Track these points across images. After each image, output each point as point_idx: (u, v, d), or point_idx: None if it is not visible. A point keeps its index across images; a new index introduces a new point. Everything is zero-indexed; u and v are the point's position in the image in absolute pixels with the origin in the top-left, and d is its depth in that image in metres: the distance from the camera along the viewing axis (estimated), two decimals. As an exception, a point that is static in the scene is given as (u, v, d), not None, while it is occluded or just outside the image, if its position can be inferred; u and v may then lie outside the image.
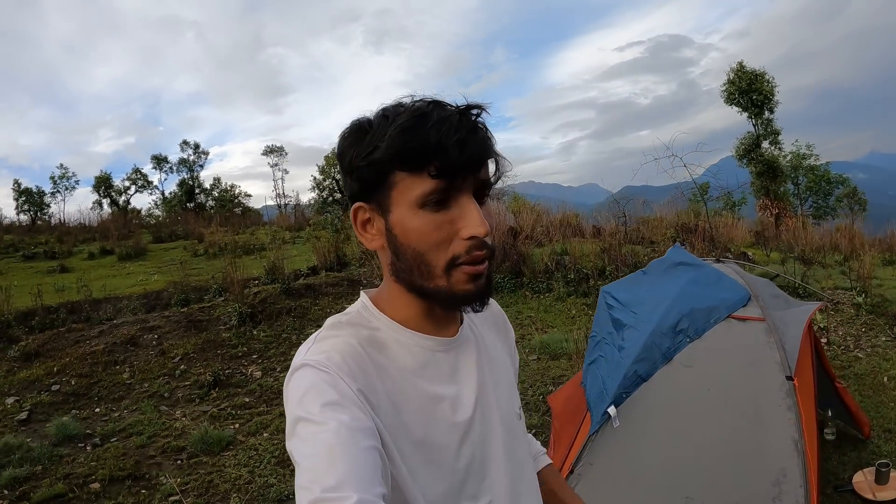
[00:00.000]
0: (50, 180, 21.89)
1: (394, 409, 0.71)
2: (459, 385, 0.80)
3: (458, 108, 0.70)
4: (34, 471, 3.84)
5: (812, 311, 2.84)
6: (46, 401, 5.08)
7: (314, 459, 0.59)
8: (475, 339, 0.87)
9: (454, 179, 0.68)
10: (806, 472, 2.18)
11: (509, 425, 0.85)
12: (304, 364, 0.69)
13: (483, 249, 0.71)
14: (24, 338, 6.75)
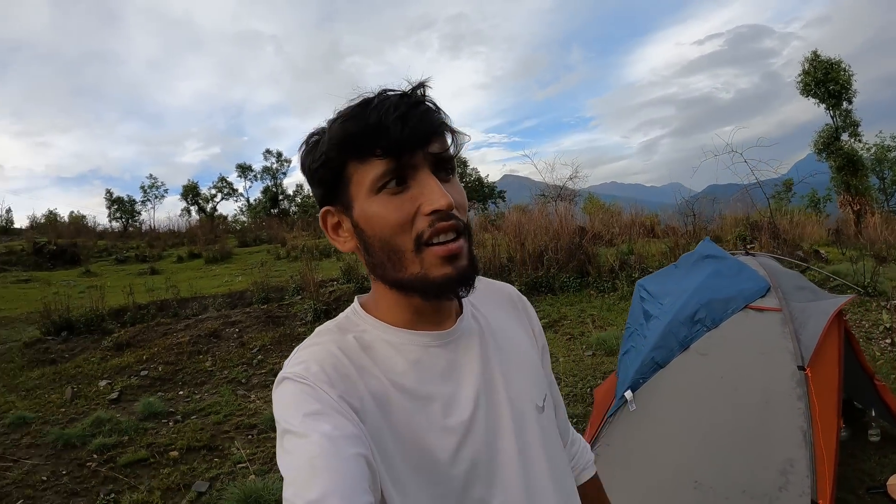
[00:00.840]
0: (140, 189, 24.84)
1: (380, 412, 0.73)
2: (456, 383, 0.81)
3: (396, 91, 0.74)
4: (121, 440, 4.52)
5: (840, 304, 2.88)
6: (135, 384, 5.88)
7: (297, 472, 0.63)
8: (479, 327, 0.88)
9: (401, 156, 0.71)
10: (814, 463, 2.29)
11: (523, 419, 0.85)
12: (284, 378, 0.73)
13: (449, 220, 0.73)
14: (117, 330, 7.80)
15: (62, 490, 3.82)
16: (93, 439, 4.49)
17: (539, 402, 0.89)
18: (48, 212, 22.27)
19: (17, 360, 6.75)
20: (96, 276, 13.02)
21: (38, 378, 6.18)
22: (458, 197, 0.76)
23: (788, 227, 9.43)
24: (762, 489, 2.32)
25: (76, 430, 4.65)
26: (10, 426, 4.83)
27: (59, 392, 5.72)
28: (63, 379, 6.12)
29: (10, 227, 20.48)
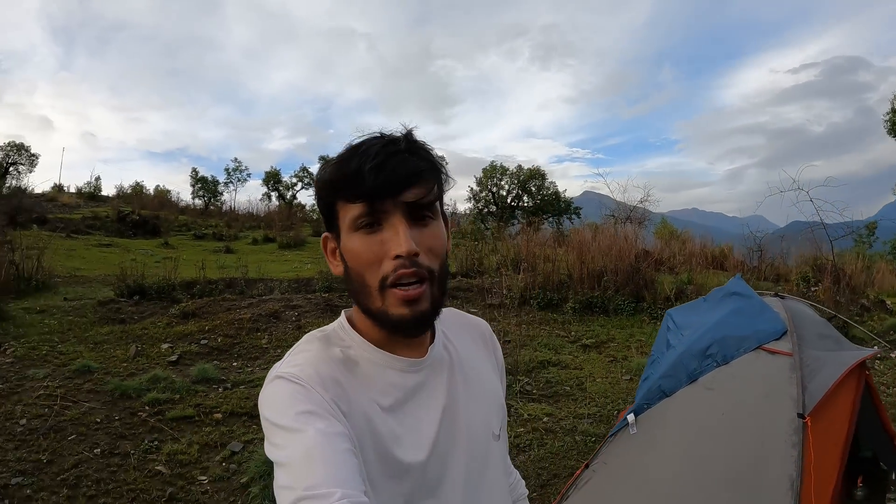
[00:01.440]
0: (224, 171, 26.67)
1: (363, 421, 0.85)
2: (425, 406, 0.94)
3: (387, 137, 0.88)
4: (172, 397, 5.11)
5: (861, 358, 2.92)
6: (194, 350, 6.54)
7: (294, 461, 0.71)
8: (449, 357, 1.02)
9: (373, 202, 0.83)
10: None
11: (476, 446, 0.99)
12: (278, 376, 0.83)
13: (411, 268, 0.84)
14: (185, 300, 8.59)
15: (112, 432, 4.43)
16: (147, 393, 5.11)
17: (496, 430, 1.05)
18: (135, 183, 24.50)
19: (90, 316, 7.63)
20: (173, 249, 14.24)
21: (107, 334, 6.98)
22: (429, 242, 0.87)
23: (855, 272, 9.22)
24: None
25: (133, 383, 5.30)
26: (75, 372, 5.56)
27: (123, 349, 6.46)
28: (129, 338, 6.88)
29: (98, 194, 22.68)
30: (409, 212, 0.84)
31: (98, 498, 3.55)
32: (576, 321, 8.46)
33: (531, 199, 26.27)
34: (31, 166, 22.71)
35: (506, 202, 26.12)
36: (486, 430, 1.01)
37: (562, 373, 6.38)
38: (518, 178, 26.27)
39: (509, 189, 26.50)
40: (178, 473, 3.90)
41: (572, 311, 8.70)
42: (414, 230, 0.85)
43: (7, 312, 7.27)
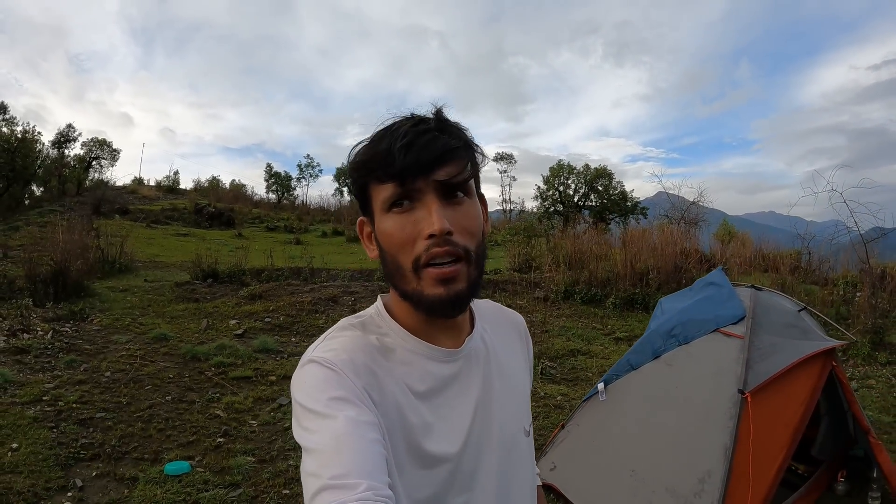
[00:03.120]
0: (297, 167, 28.34)
1: (395, 409, 0.86)
2: (460, 397, 0.95)
3: (417, 117, 0.89)
4: (235, 362, 5.99)
5: (821, 348, 3.26)
6: (258, 326, 7.44)
7: (322, 448, 0.73)
8: (485, 349, 1.03)
9: (404, 181, 0.84)
10: (727, 480, 2.85)
11: (508, 441, 1.00)
12: (312, 360, 0.85)
13: (444, 247, 0.84)
14: (253, 285, 9.58)
15: (182, 385, 5.32)
16: (214, 357, 6.02)
17: (526, 426, 1.07)
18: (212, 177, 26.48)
19: (168, 295, 8.72)
20: (246, 239, 15.51)
21: (182, 310, 8.01)
22: (463, 221, 0.87)
23: None
24: (682, 491, 2.97)
25: (203, 349, 6.23)
26: (153, 339, 6.54)
27: (196, 322, 7.45)
28: (201, 314, 7.88)
29: (176, 187, 24.74)
30: (441, 190, 0.86)
31: (166, 431, 4.40)
32: (615, 316, 8.89)
33: (598, 199, 26.50)
34: (112, 160, 24.83)
35: (573, 201, 26.40)
36: (517, 425, 1.04)
37: (588, 361, 6.90)
38: (585, 178, 26.54)
39: (576, 188, 26.83)
40: (234, 418, 4.72)
41: (613, 307, 9.13)
42: (447, 209, 0.86)
43: (94, 290, 8.44)
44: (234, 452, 4.10)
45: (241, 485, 3.70)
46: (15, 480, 3.57)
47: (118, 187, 22.13)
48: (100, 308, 7.73)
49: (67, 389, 4.99)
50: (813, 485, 3.77)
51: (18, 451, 3.90)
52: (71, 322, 6.98)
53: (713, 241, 13.86)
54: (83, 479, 3.70)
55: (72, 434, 4.22)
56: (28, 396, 4.75)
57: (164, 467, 3.82)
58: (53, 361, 5.66)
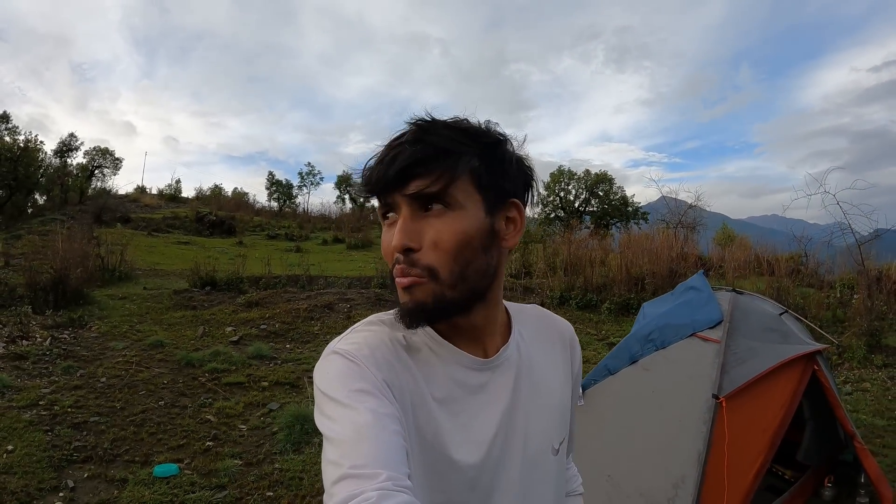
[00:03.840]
0: (298, 175, 28.58)
1: (412, 408, 0.86)
2: (484, 406, 0.93)
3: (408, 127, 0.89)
4: (229, 368, 6.13)
5: (800, 353, 3.30)
6: (253, 333, 7.58)
7: (344, 437, 0.74)
8: (519, 359, 1.00)
9: (381, 197, 0.87)
10: (701, 485, 2.89)
11: (532, 458, 0.98)
12: (335, 352, 0.86)
13: (401, 264, 0.85)
14: (251, 292, 9.73)
15: (175, 391, 5.46)
16: (208, 363, 6.16)
17: (556, 444, 1.04)
18: (214, 185, 26.69)
19: (166, 302, 8.87)
20: (246, 247, 15.67)
21: (179, 318, 8.16)
22: (435, 235, 0.85)
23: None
24: (656, 497, 3.02)
25: (198, 355, 6.37)
26: (149, 346, 6.69)
27: (192, 329, 7.59)
28: (198, 321, 8.03)
29: (178, 196, 24.96)
30: (417, 203, 0.85)
31: (157, 434, 4.53)
32: (610, 321, 8.99)
33: (599, 204, 26.61)
34: (115, 169, 24.99)
35: (573, 207, 26.54)
36: (545, 443, 1.01)
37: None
38: (586, 183, 26.69)
39: (577, 194, 26.95)
40: (224, 422, 4.84)
41: (608, 312, 9.22)
42: (420, 222, 0.85)
43: (93, 297, 8.59)
44: (221, 456, 4.22)
45: (227, 487, 3.82)
46: (9, 481, 3.70)
47: (120, 196, 22.37)
48: (98, 315, 7.87)
49: (63, 394, 5.13)
50: (799, 490, 3.81)
51: (13, 453, 4.03)
52: (69, 329, 7.13)
53: (713, 245, 13.98)
54: (75, 480, 3.82)
55: (65, 437, 4.35)
56: (25, 401, 4.89)
57: (153, 469, 3.95)
58: (51, 367, 5.81)
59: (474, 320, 0.93)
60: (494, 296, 0.95)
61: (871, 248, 9.66)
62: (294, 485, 3.84)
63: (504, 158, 0.91)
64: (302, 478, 3.92)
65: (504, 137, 0.92)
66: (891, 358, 6.85)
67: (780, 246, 12.25)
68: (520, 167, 0.94)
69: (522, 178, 0.94)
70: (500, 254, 0.92)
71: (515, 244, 0.95)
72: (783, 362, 3.28)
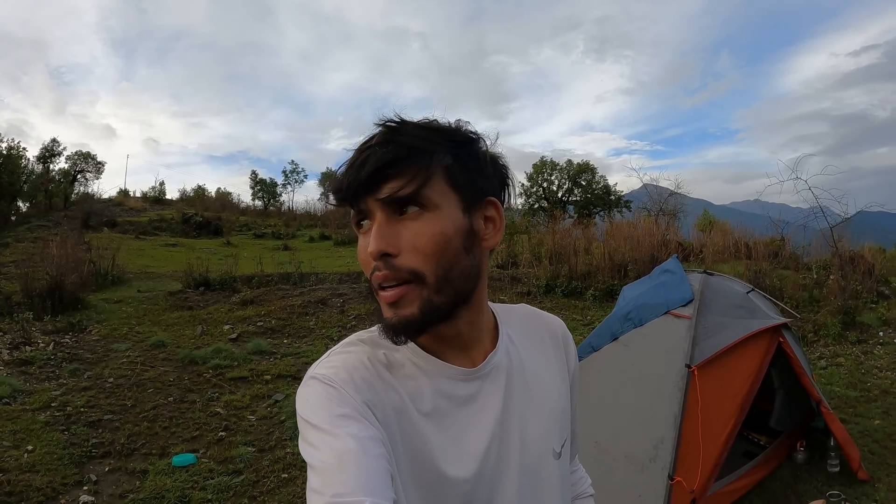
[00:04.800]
0: (282, 174, 28.62)
1: (398, 427, 0.84)
2: (474, 417, 0.91)
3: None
4: (231, 364, 6.35)
5: (766, 326, 3.67)
6: (251, 330, 7.79)
7: (326, 465, 0.73)
8: (509, 363, 0.97)
9: (353, 204, 0.84)
10: (678, 445, 3.21)
11: (531, 465, 0.95)
12: (313, 377, 0.84)
13: (383, 271, 0.82)
14: (245, 290, 9.91)
15: (182, 387, 5.67)
16: (211, 360, 6.38)
17: (557, 447, 1.00)
18: (197, 186, 26.61)
19: (162, 304, 9.03)
20: (234, 247, 15.80)
21: (177, 318, 8.34)
22: (413, 240, 0.81)
23: (879, 260, 9.82)
24: (639, 457, 3.33)
25: (200, 353, 6.58)
26: (151, 346, 6.88)
27: (191, 329, 7.78)
28: (196, 321, 8.21)
29: (163, 198, 24.95)
30: (390, 207, 0.82)
31: (171, 428, 4.75)
32: (595, 307, 9.27)
33: (582, 193, 26.94)
34: (97, 173, 24.89)
35: (556, 197, 26.85)
36: (544, 447, 0.97)
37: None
38: (568, 173, 26.99)
39: (560, 184, 27.26)
40: (233, 414, 5.08)
41: (593, 298, 9.53)
42: (396, 226, 0.82)
43: (89, 302, 8.73)
44: (235, 444, 4.46)
45: (244, 472, 4.06)
46: (33, 478, 3.90)
47: (105, 200, 22.31)
48: (97, 319, 8.03)
49: (74, 395, 5.32)
50: (772, 454, 4.10)
51: (34, 453, 4.23)
52: (70, 333, 7.29)
53: (695, 231, 14.37)
54: (97, 474, 4.04)
55: (82, 435, 4.56)
56: (38, 403, 5.08)
57: (172, 459, 4.18)
58: (57, 371, 5.99)
59: (459, 327, 0.90)
60: (479, 299, 0.92)
61: (845, 230, 10.04)
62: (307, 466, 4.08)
63: (478, 156, 0.89)
64: (314, 461, 4.16)
65: (476, 135, 0.90)
66: (865, 334, 7.18)
67: (761, 230, 12.59)
68: (495, 165, 0.92)
69: (498, 177, 0.92)
70: (481, 254, 0.90)
71: (496, 244, 0.92)
72: (749, 335, 3.61)
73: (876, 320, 7.44)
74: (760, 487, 3.86)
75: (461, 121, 0.90)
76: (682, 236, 13.32)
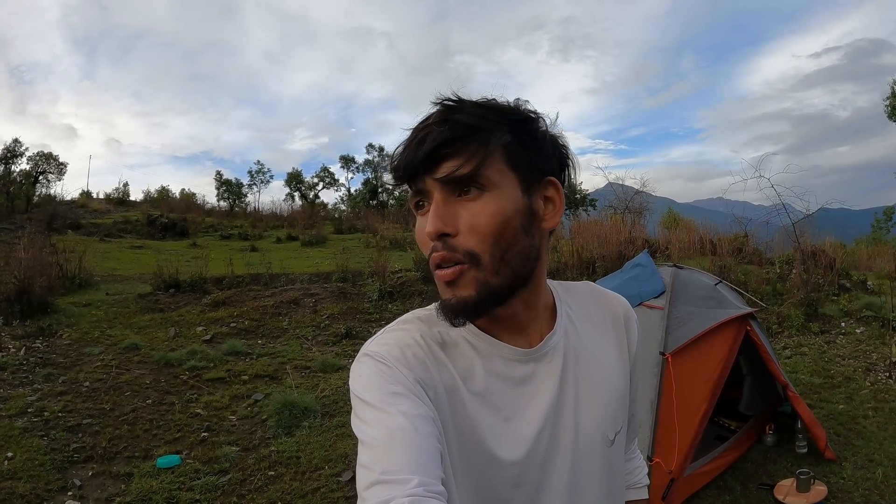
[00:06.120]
0: (248, 174, 28.44)
1: (448, 406, 0.83)
2: (528, 398, 0.89)
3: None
4: (207, 365, 6.37)
5: (733, 315, 3.88)
6: (225, 332, 7.79)
7: (376, 442, 0.73)
8: (567, 344, 0.95)
9: (412, 184, 0.84)
10: (655, 428, 3.38)
11: (583, 451, 0.93)
12: (366, 354, 0.84)
13: (441, 251, 0.81)
14: (216, 292, 9.86)
15: (160, 389, 5.68)
16: (187, 362, 6.39)
17: (611, 434, 0.97)
18: (161, 188, 26.33)
19: (133, 307, 8.95)
20: (201, 249, 15.62)
21: (149, 321, 8.28)
22: (471, 220, 0.81)
23: (842, 256, 10.20)
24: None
25: (175, 355, 6.57)
26: (125, 349, 6.84)
27: (164, 331, 7.75)
28: (168, 322, 8.17)
29: (126, 199, 24.54)
30: (449, 187, 0.81)
31: (152, 430, 4.77)
32: (563, 303, 9.50)
33: (547, 193, 27.44)
34: (59, 174, 24.27)
35: (521, 196, 27.23)
36: (598, 434, 0.95)
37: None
38: (532, 173, 27.46)
39: (524, 183, 27.67)
40: (214, 414, 5.13)
41: (561, 295, 9.77)
42: (455, 207, 0.82)
43: (57, 306, 8.61)
44: (219, 444, 4.52)
45: (230, 471, 4.12)
46: (16, 485, 3.90)
47: (67, 202, 21.82)
48: (66, 323, 7.92)
49: (50, 400, 5.28)
50: (742, 437, 4.31)
51: (14, 459, 4.22)
52: (41, 338, 7.19)
53: (660, 228, 14.74)
54: (81, 479, 4.05)
55: (62, 440, 4.55)
56: (14, 409, 5.04)
57: (156, 461, 4.21)
58: (31, 376, 5.92)
59: (516, 309, 0.89)
60: (538, 281, 0.91)
61: (807, 226, 10.40)
62: (293, 463, 4.17)
63: (536, 135, 0.87)
64: (299, 457, 4.24)
65: (536, 114, 0.89)
66: (827, 325, 7.43)
67: (725, 228, 12.94)
68: (554, 145, 0.91)
69: (558, 157, 0.91)
70: (541, 235, 0.88)
71: (556, 225, 0.90)
72: (718, 324, 3.81)
73: (838, 311, 7.72)
74: (734, 468, 4.05)
75: (520, 99, 0.89)
76: (648, 234, 13.63)
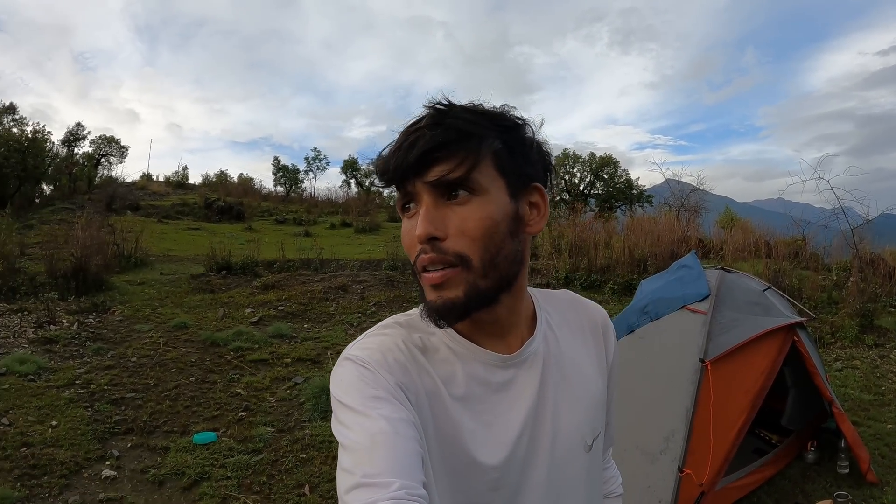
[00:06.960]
0: (304, 160, 28.76)
1: (429, 410, 0.84)
2: (508, 403, 0.91)
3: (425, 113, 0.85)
4: (252, 346, 6.42)
5: (780, 324, 3.64)
6: (272, 314, 7.86)
7: (357, 445, 0.74)
8: (546, 350, 0.96)
9: (400, 186, 0.84)
10: (688, 438, 3.23)
11: (562, 456, 0.94)
12: (347, 358, 0.85)
13: (429, 254, 0.82)
14: (266, 275, 10.00)
15: (204, 368, 5.75)
16: (232, 342, 6.47)
17: (589, 440, 0.98)
18: (220, 171, 26.95)
19: (185, 287, 9.15)
20: (256, 232, 15.95)
21: (199, 301, 8.45)
22: (461, 224, 0.81)
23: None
24: (649, 449, 3.33)
25: (221, 335, 6.66)
26: (174, 327, 6.98)
27: (213, 312, 7.88)
28: (217, 303, 8.32)
29: (185, 183, 25.24)
30: (438, 191, 0.82)
31: (192, 407, 4.83)
32: (613, 301, 9.17)
33: (604, 187, 26.69)
34: (121, 157, 25.12)
35: (578, 189, 26.66)
36: (576, 438, 0.96)
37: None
38: (590, 166, 26.76)
39: (582, 176, 27.04)
40: (253, 395, 5.15)
41: (611, 292, 9.44)
42: (444, 210, 0.82)
43: (112, 283, 8.88)
44: (255, 424, 4.53)
45: (263, 451, 4.12)
46: (57, 453, 3.99)
47: (128, 184, 22.58)
48: (120, 300, 8.16)
49: (98, 374, 5.42)
50: (782, 452, 4.08)
51: (58, 428, 4.33)
52: (94, 314, 7.42)
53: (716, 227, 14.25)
54: (119, 450, 4.12)
55: (105, 412, 4.65)
56: (62, 380, 5.19)
57: (193, 437, 4.25)
58: (81, 350, 6.10)
59: (498, 313, 0.90)
60: (520, 285, 0.92)
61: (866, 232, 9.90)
62: (325, 447, 4.15)
63: (524, 142, 0.89)
64: (332, 441, 4.20)
65: (523, 121, 0.90)
66: (882, 338, 7.04)
67: (783, 230, 12.43)
68: (539, 151, 0.92)
69: (542, 163, 0.93)
70: (525, 240, 0.90)
71: (540, 230, 0.92)
72: (763, 332, 3.60)
73: (894, 324, 7.30)
74: (769, 485, 3.84)
75: (507, 106, 0.90)
76: (703, 233, 13.20)
